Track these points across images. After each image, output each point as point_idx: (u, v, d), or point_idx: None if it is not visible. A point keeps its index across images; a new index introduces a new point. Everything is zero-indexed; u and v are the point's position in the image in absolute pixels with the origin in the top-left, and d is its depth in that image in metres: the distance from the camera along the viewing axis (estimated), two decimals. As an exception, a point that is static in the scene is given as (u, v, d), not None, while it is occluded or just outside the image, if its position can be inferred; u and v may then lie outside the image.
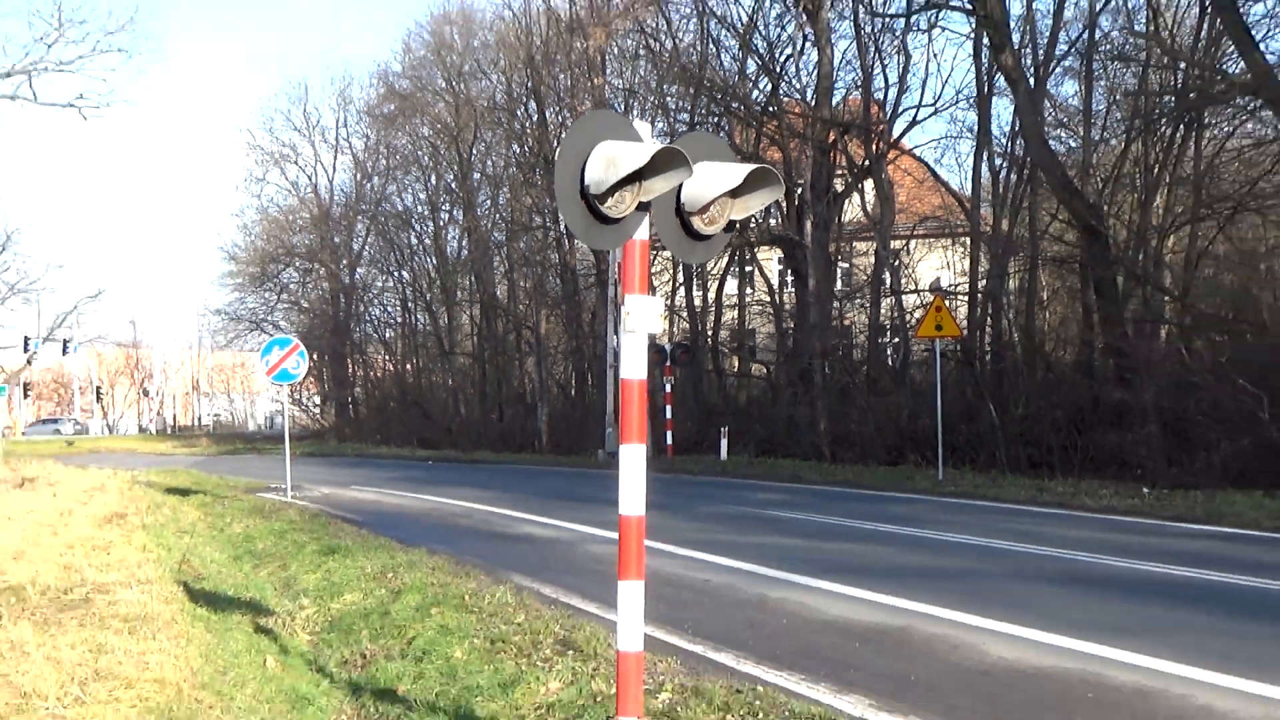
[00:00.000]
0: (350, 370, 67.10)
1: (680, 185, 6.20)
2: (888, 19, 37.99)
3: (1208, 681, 8.22)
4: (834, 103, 39.90)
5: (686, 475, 33.09)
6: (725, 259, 45.52)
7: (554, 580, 13.58)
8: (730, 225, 6.68)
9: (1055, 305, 36.97)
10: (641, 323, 6.26)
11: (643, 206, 6.13)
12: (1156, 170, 30.37)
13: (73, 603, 10.78)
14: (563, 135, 48.61)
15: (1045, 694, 8.14)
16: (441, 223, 61.76)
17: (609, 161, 5.96)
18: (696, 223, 6.48)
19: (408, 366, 67.66)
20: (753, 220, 44.17)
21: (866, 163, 39.49)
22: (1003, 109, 37.25)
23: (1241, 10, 25.22)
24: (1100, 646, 9.34)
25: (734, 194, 6.39)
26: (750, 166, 6.34)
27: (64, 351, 75.13)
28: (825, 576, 13.21)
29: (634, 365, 6.33)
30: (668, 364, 43.12)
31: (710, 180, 6.29)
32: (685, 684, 8.09)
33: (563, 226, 44.70)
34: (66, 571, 12.55)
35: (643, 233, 6.26)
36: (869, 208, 42.10)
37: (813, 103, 39.79)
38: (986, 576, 13.87)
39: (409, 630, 10.98)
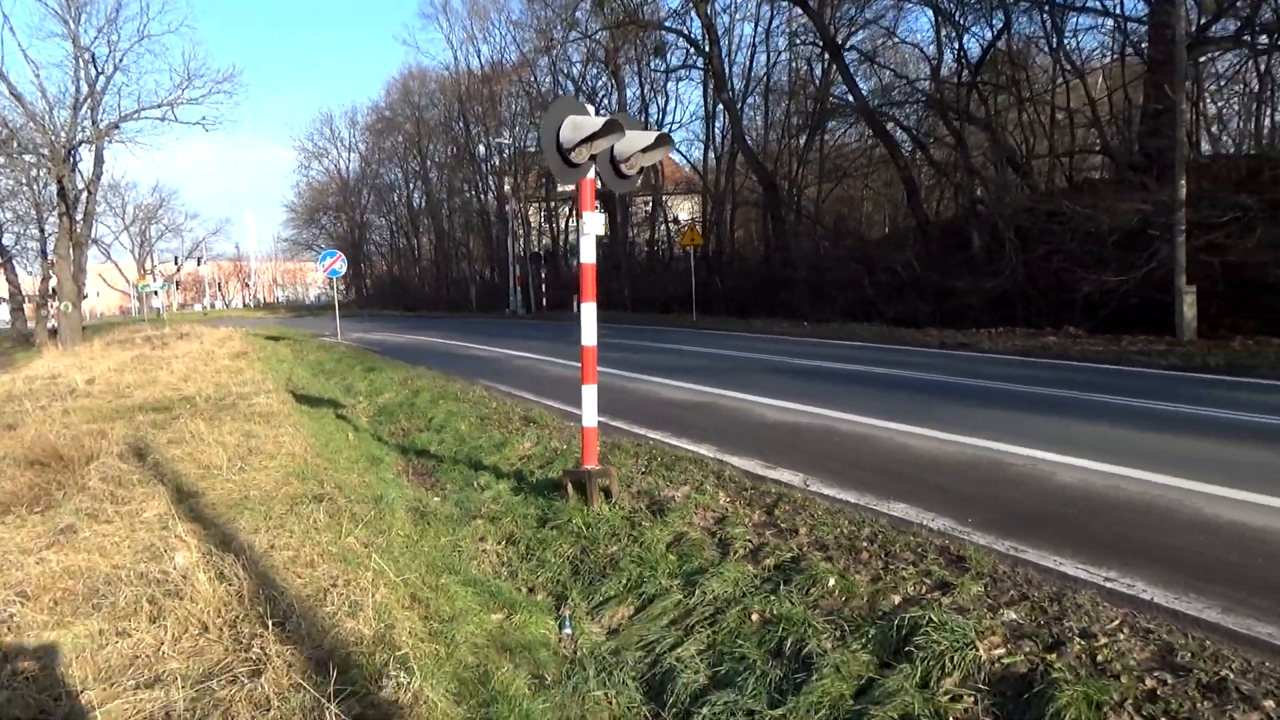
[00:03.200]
0: (361, 270, 66.39)
1: (613, 145, 5.55)
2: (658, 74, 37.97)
3: (898, 429, 8.02)
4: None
5: (553, 323, 32.29)
6: (571, 204, 45.20)
7: (502, 381, 12.75)
8: (639, 171, 6.06)
9: (748, 227, 37.06)
10: (593, 227, 5.63)
11: (592, 158, 5.46)
12: (801, 153, 30.17)
13: (225, 405, 9.71)
14: (483, 138, 48.94)
15: (697, 407, 7.86)
16: (411, 188, 61.75)
17: (574, 126, 5.25)
18: (623, 168, 5.81)
19: (394, 268, 66.98)
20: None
21: None
22: (716, 124, 36.69)
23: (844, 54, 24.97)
24: (808, 406, 9.14)
25: (644, 151, 5.75)
26: (657, 133, 5.69)
27: (198, 263, 74.93)
28: (649, 373, 12.64)
29: (588, 254, 5.69)
30: (542, 260, 42.50)
31: (633, 141, 5.62)
32: (610, 441, 7.59)
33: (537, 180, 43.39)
34: (217, 388, 11.38)
35: (590, 174, 5.60)
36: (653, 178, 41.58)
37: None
38: (735, 371, 13.23)
39: (428, 413, 10.20)
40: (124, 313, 74.08)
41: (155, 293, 55.69)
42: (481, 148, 50.33)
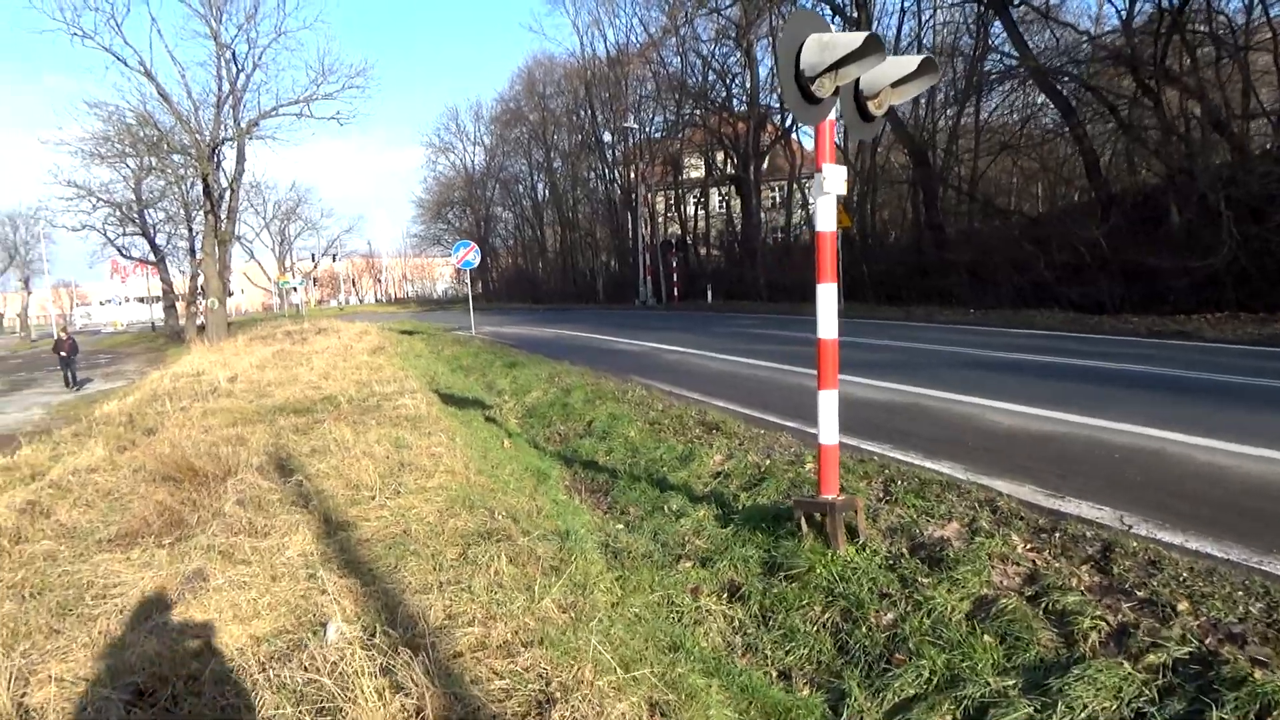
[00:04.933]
0: (487, 263, 66.78)
1: (859, 76, 4.23)
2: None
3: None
4: (761, 100, 37.81)
5: (687, 313, 31.07)
6: (700, 191, 44.56)
7: (658, 378, 11.57)
8: (886, 112, 4.72)
9: (894, 207, 34.84)
10: (835, 185, 4.28)
11: (836, 92, 4.16)
12: (956, 123, 27.83)
13: (369, 407, 8.91)
14: (609, 125, 48.10)
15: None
16: (535, 179, 61.26)
17: (823, 45, 3.94)
18: (870, 106, 4.47)
19: (520, 260, 66.94)
20: (715, 169, 43.00)
21: (780, 133, 38.68)
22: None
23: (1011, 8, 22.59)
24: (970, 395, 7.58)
25: (896, 85, 4.41)
26: (920, 57, 4.32)
27: (333, 260, 77.91)
28: (783, 361, 11.31)
29: (827, 219, 4.36)
30: (673, 250, 41.57)
31: (890, 69, 4.28)
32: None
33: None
34: (359, 386, 10.66)
35: (832, 114, 4.30)
36: (787, 159, 39.90)
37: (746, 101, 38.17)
38: (923, 366, 11.65)
39: (585, 416, 9.14)
40: (266, 309, 77.18)
41: (294, 289, 57.73)
42: (607, 135, 49.68)
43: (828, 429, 4.50)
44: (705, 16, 35.68)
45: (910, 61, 4.25)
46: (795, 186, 38.06)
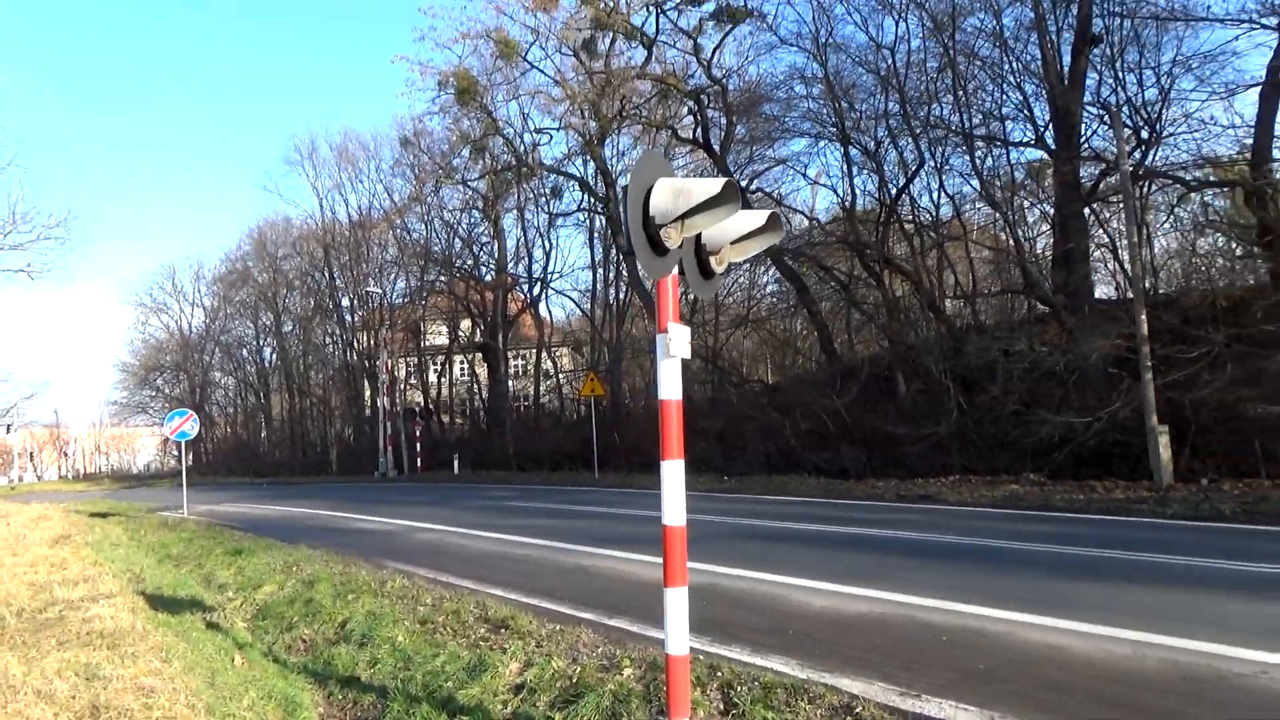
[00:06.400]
0: (202, 433, 60.87)
1: (701, 231, 3.83)
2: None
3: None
4: (509, 268, 39.03)
5: (434, 484, 29.46)
6: (443, 359, 43.90)
7: (416, 563, 10.28)
8: (727, 271, 4.34)
9: (636, 374, 36.04)
10: (680, 347, 3.76)
11: (682, 244, 3.71)
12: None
13: (48, 621, 6.90)
14: (348, 290, 46.55)
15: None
16: (262, 343, 58.05)
17: (677, 191, 3.49)
18: (711, 262, 4.07)
19: (241, 430, 61.78)
20: (460, 335, 42.69)
21: (528, 302, 39.46)
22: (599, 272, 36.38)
23: (749, 195, 24.73)
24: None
25: (740, 241, 4.06)
26: (768, 212, 4.00)
27: (6, 432, 68.85)
28: (604, 545, 10.52)
29: (671, 387, 3.81)
30: (416, 418, 40.19)
31: (733, 222, 3.91)
32: (640, 657, 5.47)
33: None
34: (35, 590, 8.42)
35: (674, 269, 3.83)
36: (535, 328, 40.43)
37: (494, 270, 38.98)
38: (702, 539, 11.37)
39: (338, 614, 7.67)
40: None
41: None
42: (346, 299, 48.01)
43: (677, 636, 3.76)
44: (453, 185, 36.03)
45: (759, 216, 3.91)
46: (546, 355, 38.38)
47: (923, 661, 5.07)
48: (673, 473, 3.82)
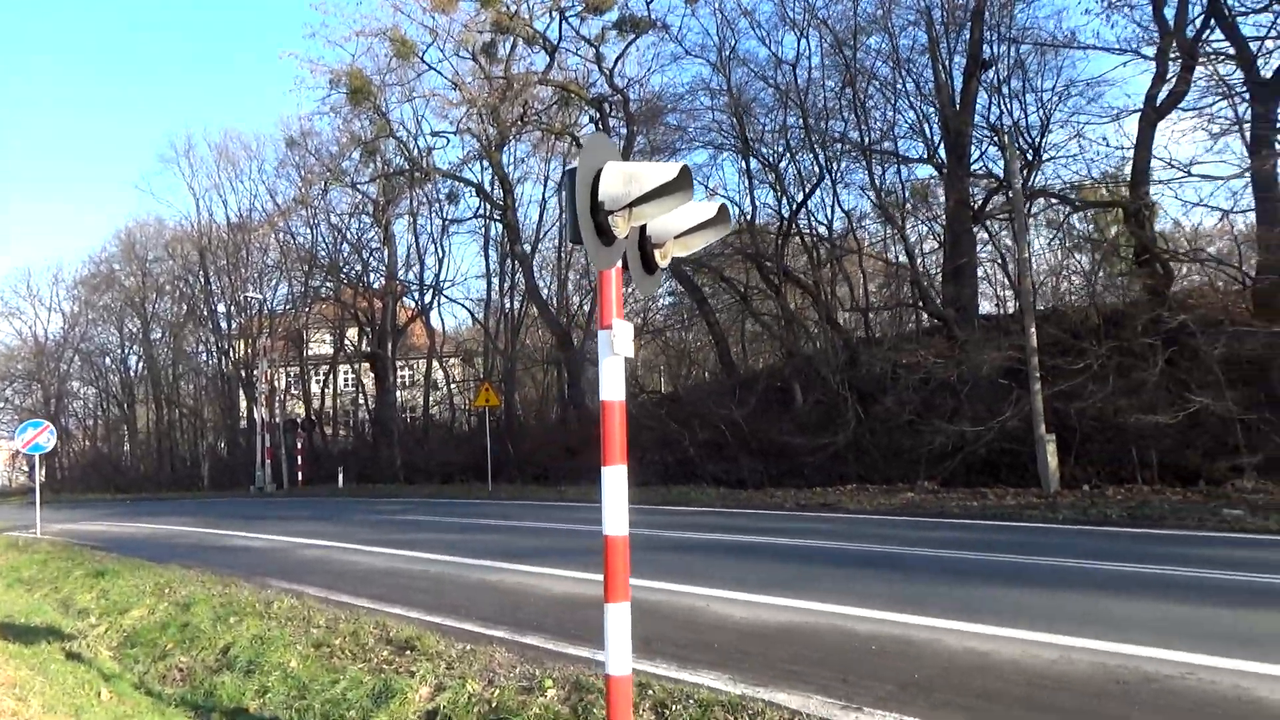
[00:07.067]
0: (58, 446, 56.74)
1: (646, 222, 3.60)
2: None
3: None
4: (400, 275, 38.06)
5: (317, 499, 28.20)
6: (328, 368, 42.49)
7: (304, 581, 9.67)
8: (667, 266, 4.12)
9: (539, 387, 35.57)
10: (624, 345, 3.52)
11: (628, 235, 3.48)
12: (594, 305, 29.63)
13: (-122, 657, 6.16)
14: (225, 295, 44.28)
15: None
16: (127, 350, 54.32)
17: (629, 177, 3.26)
18: (656, 255, 3.85)
19: (102, 443, 57.75)
20: (346, 344, 41.20)
21: (418, 310, 38.59)
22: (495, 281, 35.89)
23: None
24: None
25: (686, 233, 3.85)
26: (718, 203, 3.81)
27: None
28: (514, 560, 10.13)
29: (614, 387, 3.57)
30: (298, 430, 38.54)
31: (681, 214, 3.70)
32: (568, 677, 5.16)
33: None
34: None
35: (620, 261, 3.58)
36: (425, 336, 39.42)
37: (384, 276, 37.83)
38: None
39: (219, 639, 7.09)
40: None
41: None
42: (222, 305, 45.62)
43: (619, 655, 3.50)
44: (342, 189, 34.79)
45: (708, 208, 3.71)
46: (437, 364, 37.44)
47: (857, 673, 4.97)
48: (614, 479, 3.57)
